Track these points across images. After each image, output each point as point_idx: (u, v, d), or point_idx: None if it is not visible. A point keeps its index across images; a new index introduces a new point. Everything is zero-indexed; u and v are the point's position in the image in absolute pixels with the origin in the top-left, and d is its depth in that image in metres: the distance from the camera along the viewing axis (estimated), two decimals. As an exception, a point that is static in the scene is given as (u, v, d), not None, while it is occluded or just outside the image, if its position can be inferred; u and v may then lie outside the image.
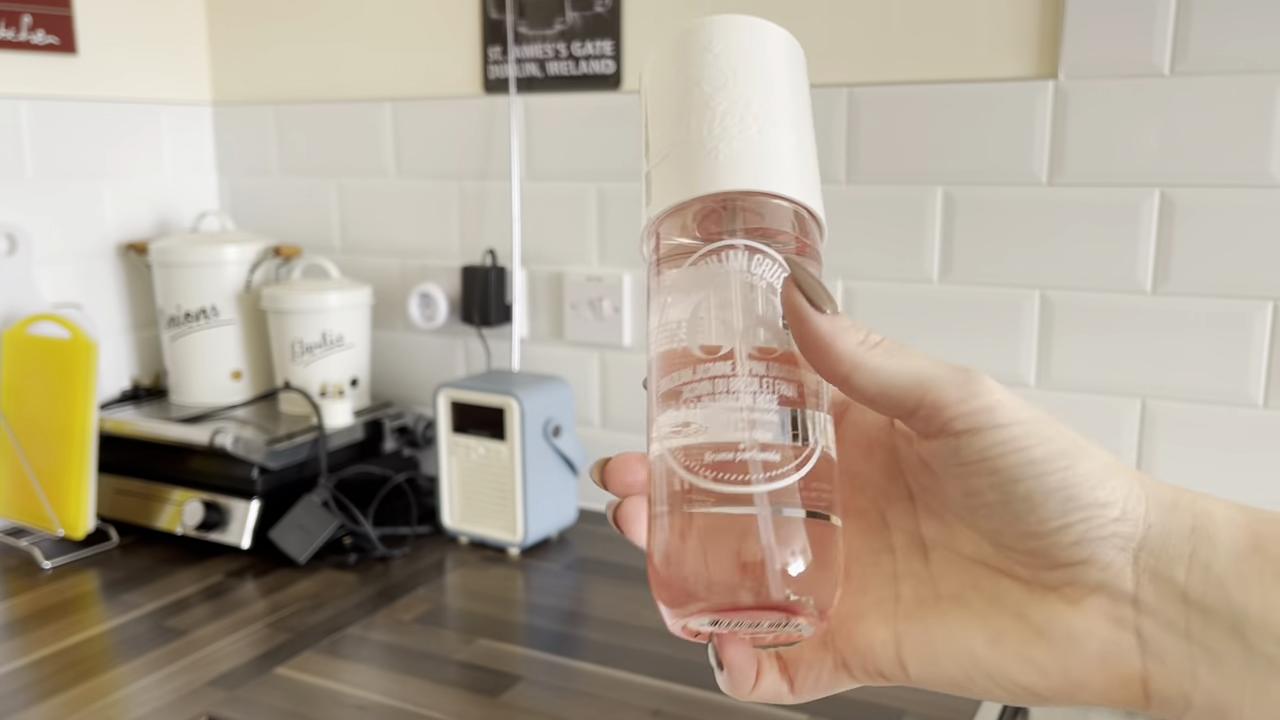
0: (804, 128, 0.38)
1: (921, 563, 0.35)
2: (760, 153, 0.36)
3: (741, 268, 0.35)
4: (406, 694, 0.93)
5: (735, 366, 0.34)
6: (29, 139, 1.35)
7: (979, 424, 0.31)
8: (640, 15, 1.27)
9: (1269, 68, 0.99)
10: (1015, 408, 0.31)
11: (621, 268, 1.32)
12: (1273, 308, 1.03)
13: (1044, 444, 0.31)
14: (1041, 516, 0.31)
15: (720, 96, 0.37)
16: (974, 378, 0.31)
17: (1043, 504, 0.31)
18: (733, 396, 0.33)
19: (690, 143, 0.37)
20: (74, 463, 1.22)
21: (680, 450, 0.34)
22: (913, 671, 0.34)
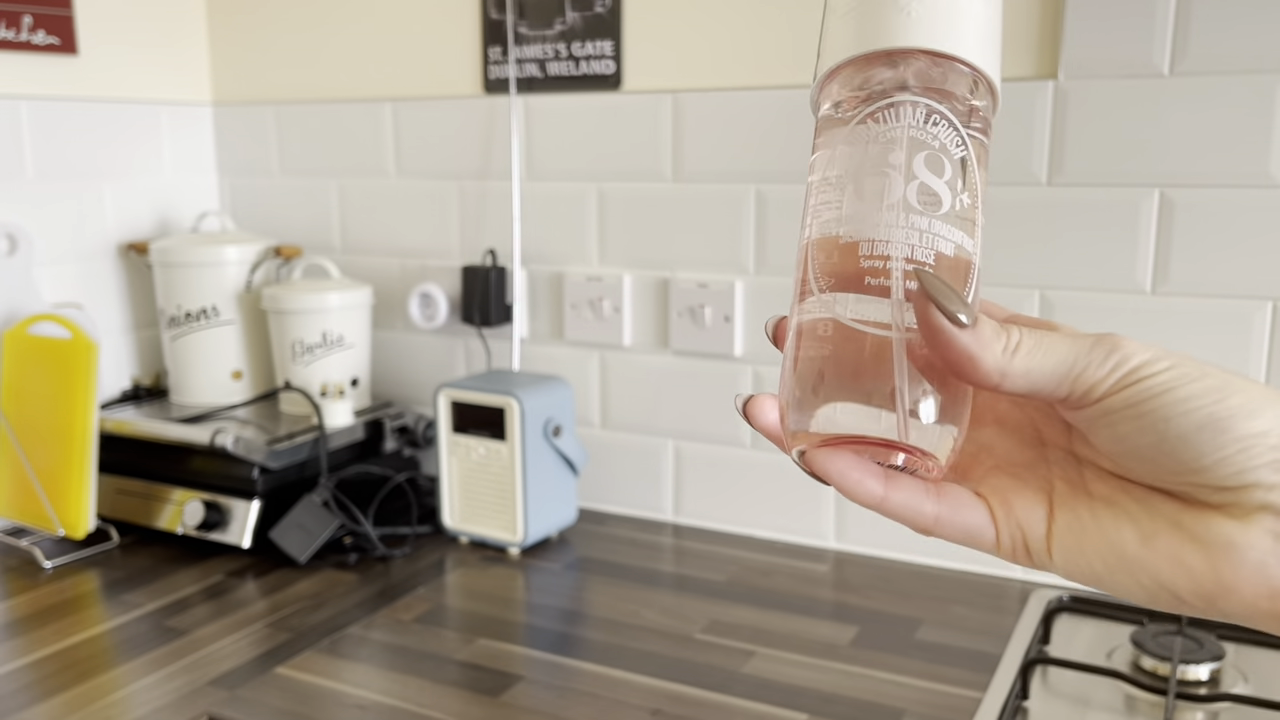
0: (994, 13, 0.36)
1: (1075, 470, 0.36)
2: (953, 16, 0.35)
3: (916, 123, 0.35)
4: (406, 694, 0.93)
5: (896, 217, 0.34)
6: (29, 139, 1.35)
7: (1126, 382, 0.31)
8: (640, 15, 1.27)
9: (1269, 68, 0.99)
10: (1160, 357, 0.31)
11: (621, 268, 1.33)
12: (1273, 308, 1.03)
13: (1191, 383, 0.31)
14: (1197, 452, 0.31)
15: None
16: (1115, 346, 0.32)
17: (1196, 439, 0.31)
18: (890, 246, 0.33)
19: None
20: (74, 463, 1.22)
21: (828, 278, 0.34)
22: (1057, 556, 0.35)
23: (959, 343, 0.32)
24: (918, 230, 0.34)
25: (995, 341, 0.32)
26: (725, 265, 1.27)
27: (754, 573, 1.20)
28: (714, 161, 1.26)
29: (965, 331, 0.32)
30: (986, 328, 0.32)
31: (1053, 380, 0.32)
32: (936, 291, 0.32)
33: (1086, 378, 0.32)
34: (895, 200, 0.34)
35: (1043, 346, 0.32)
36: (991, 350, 0.32)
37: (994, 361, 0.32)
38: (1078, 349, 0.32)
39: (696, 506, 1.34)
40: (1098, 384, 0.32)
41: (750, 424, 0.37)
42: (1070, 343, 0.32)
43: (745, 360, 1.28)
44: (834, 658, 0.99)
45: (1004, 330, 0.32)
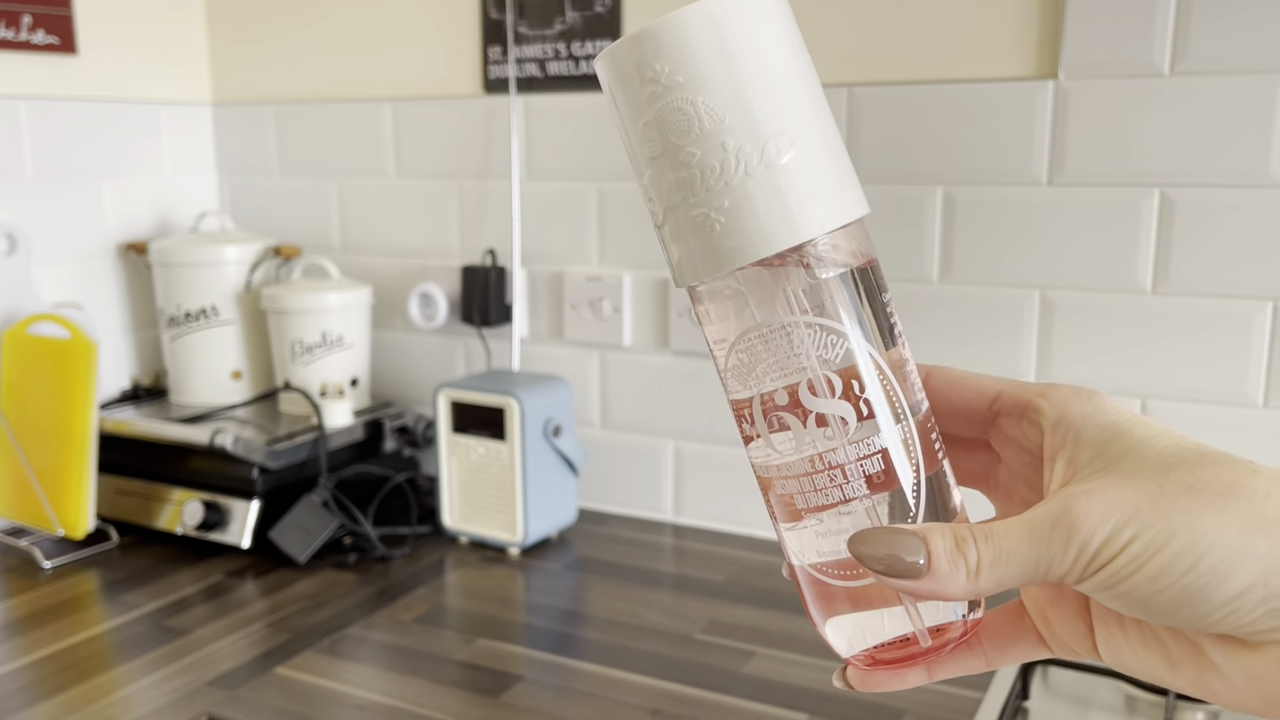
0: (800, 119, 0.32)
1: None
2: (760, 204, 0.31)
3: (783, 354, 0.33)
4: (406, 694, 0.93)
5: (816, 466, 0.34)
6: (29, 139, 1.35)
7: (1092, 569, 0.30)
8: (640, 15, 1.27)
9: (1269, 68, 0.99)
10: (1121, 526, 0.30)
11: (621, 268, 1.33)
12: (1273, 308, 1.03)
13: (1156, 554, 0.29)
14: (1185, 620, 0.30)
15: (690, 145, 0.31)
16: (1073, 530, 0.30)
17: (1178, 613, 0.30)
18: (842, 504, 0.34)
19: (680, 209, 0.32)
20: (74, 463, 1.22)
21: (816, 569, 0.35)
22: (1104, 657, 0.35)
23: (922, 590, 0.32)
24: (839, 467, 0.33)
25: (955, 573, 0.31)
26: (725, 265, 1.26)
27: (754, 573, 1.20)
28: (714, 161, 1.25)
29: (923, 580, 0.31)
30: (943, 562, 0.31)
31: (1025, 581, 0.32)
32: (873, 555, 0.32)
33: (1054, 572, 0.31)
34: (806, 452, 0.33)
35: (1003, 555, 0.31)
36: (955, 583, 0.31)
37: (960, 590, 0.32)
38: (1037, 545, 0.31)
39: (696, 506, 1.34)
40: (1066, 574, 0.31)
41: None
42: (1029, 539, 0.31)
43: (745, 360, 1.27)
44: (834, 658, 0.99)
45: (960, 553, 0.31)
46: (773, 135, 0.31)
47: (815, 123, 0.32)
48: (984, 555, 0.31)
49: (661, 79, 0.31)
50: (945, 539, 0.31)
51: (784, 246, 0.31)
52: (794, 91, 0.32)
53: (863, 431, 0.33)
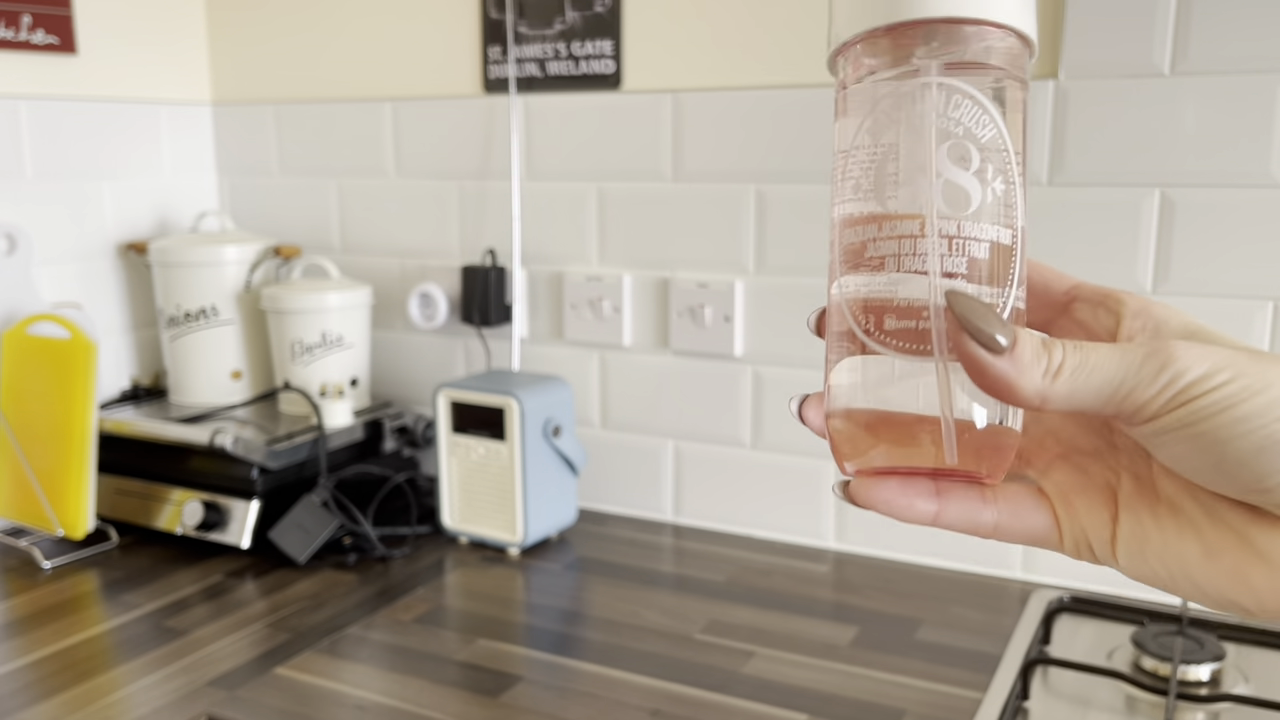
0: None
1: (1144, 461, 0.34)
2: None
3: (939, 110, 0.32)
4: (406, 694, 0.93)
5: (923, 227, 0.32)
6: (29, 139, 1.35)
7: (1178, 401, 0.29)
8: (640, 15, 1.27)
9: (1269, 68, 0.99)
10: (1219, 368, 0.29)
11: (621, 268, 1.32)
12: (1272, 308, 1.03)
13: (1251, 398, 0.29)
14: (1257, 474, 0.29)
15: None
16: (1169, 360, 0.29)
17: (1255, 462, 0.29)
18: (918, 259, 0.32)
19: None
20: (74, 463, 1.22)
21: (862, 309, 0.33)
22: (1122, 560, 0.34)
23: (995, 369, 0.30)
24: (947, 238, 0.32)
25: (1035, 365, 0.30)
26: (725, 265, 1.27)
27: (754, 573, 1.20)
28: (714, 161, 1.25)
29: (1002, 358, 0.30)
30: (1026, 350, 0.30)
31: (1098, 401, 0.30)
32: (967, 315, 0.30)
33: (1135, 397, 0.29)
34: (922, 206, 0.32)
35: (1088, 366, 0.30)
36: (1031, 375, 0.30)
37: (1034, 387, 0.30)
38: (1126, 366, 0.30)
39: (696, 506, 1.34)
40: (1147, 404, 0.29)
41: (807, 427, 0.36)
42: (1119, 358, 0.30)
43: (745, 360, 1.27)
44: (834, 658, 0.99)
45: (1045, 350, 0.30)
46: None
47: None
48: (1069, 360, 0.30)
49: None
50: (1033, 336, 0.30)
51: (985, 16, 0.32)
52: None
53: (982, 216, 0.32)
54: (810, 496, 1.27)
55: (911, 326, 0.32)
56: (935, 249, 0.32)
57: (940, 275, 0.32)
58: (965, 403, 0.32)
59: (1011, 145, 0.33)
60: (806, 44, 1.19)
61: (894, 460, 0.33)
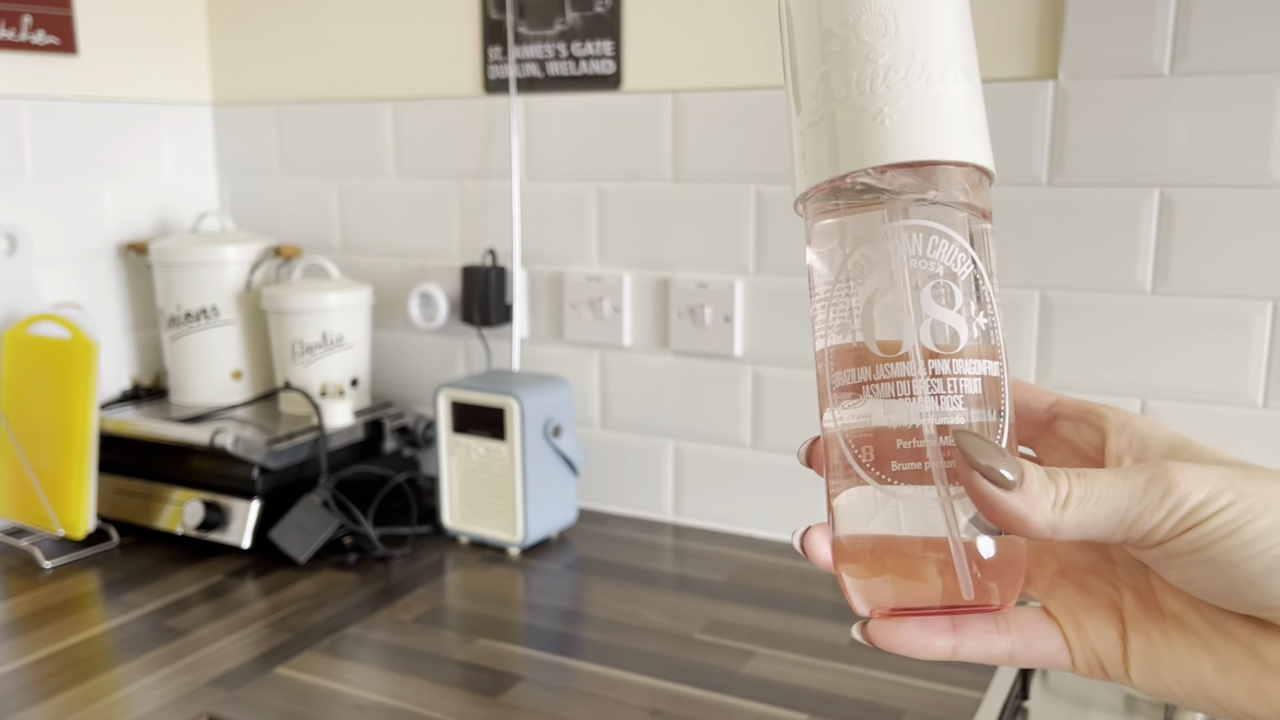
0: (970, 66, 0.34)
1: (1144, 576, 0.35)
2: (931, 113, 0.33)
3: (917, 252, 0.33)
4: (406, 694, 0.93)
5: (915, 368, 0.33)
6: (29, 139, 1.35)
7: (1184, 526, 0.30)
8: (640, 15, 1.27)
9: (1269, 68, 0.99)
10: (1219, 491, 0.29)
11: (621, 268, 1.33)
12: (1273, 308, 1.03)
13: (1255, 520, 0.29)
14: (1268, 594, 0.30)
15: (882, 46, 0.33)
16: (1171, 486, 0.30)
17: (1266, 583, 0.29)
18: (915, 401, 0.33)
19: (851, 102, 0.33)
20: (74, 463, 1.22)
21: (863, 449, 0.34)
22: (1135, 679, 0.34)
23: (1007, 505, 0.30)
24: (940, 377, 0.33)
25: (1044, 498, 0.30)
26: (725, 265, 1.27)
27: (754, 573, 1.20)
28: (714, 161, 1.26)
29: (1012, 493, 0.30)
30: (1034, 483, 0.30)
31: (1106, 529, 0.30)
32: (976, 453, 0.31)
33: (1142, 524, 0.30)
34: (912, 348, 0.33)
35: (1093, 495, 0.30)
36: (1041, 508, 0.30)
37: (1044, 519, 0.30)
38: (1130, 493, 0.30)
39: (696, 506, 1.34)
40: (1154, 530, 0.30)
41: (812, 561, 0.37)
42: (1122, 486, 0.30)
43: (745, 360, 1.27)
44: (834, 658, 0.99)
45: (1052, 481, 0.31)
46: (952, 64, 0.33)
47: (977, 77, 0.34)
48: (1075, 490, 0.30)
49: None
50: (1038, 468, 0.31)
51: (949, 157, 0.33)
52: (969, 42, 0.34)
53: (969, 353, 0.33)
54: (810, 496, 1.27)
55: (916, 467, 0.33)
56: (929, 389, 0.33)
57: (936, 417, 0.33)
58: (973, 535, 0.33)
59: (988, 277, 0.34)
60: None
61: (907, 598, 0.34)
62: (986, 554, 0.33)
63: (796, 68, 0.35)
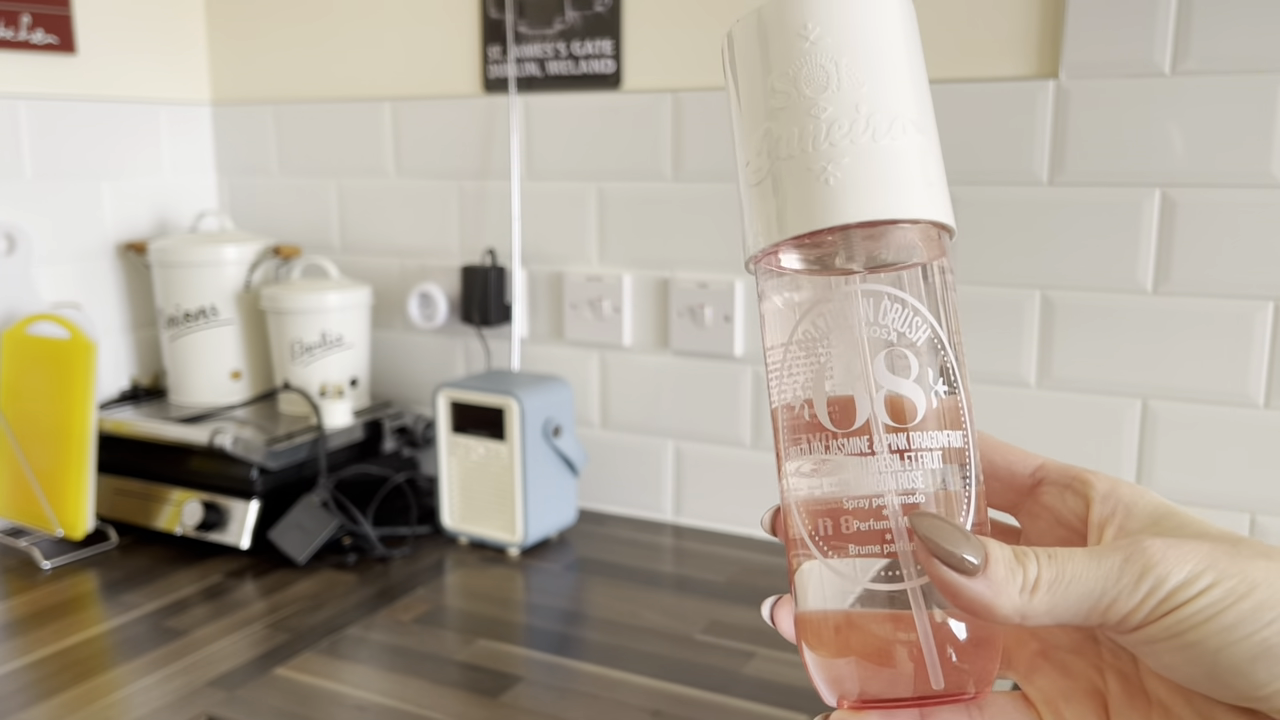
0: (923, 114, 0.32)
1: (1129, 659, 0.33)
2: (878, 170, 0.31)
3: (869, 318, 0.31)
4: (406, 694, 0.93)
5: (872, 442, 0.31)
6: (28, 139, 1.34)
7: (1162, 610, 0.28)
8: (640, 15, 1.27)
9: (1269, 68, 0.99)
10: (1200, 572, 0.28)
11: (621, 268, 1.32)
12: (1273, 308, 1.03)
13: (1238, 602, 0.27)
14: (1253, 683, 0.28)
15: (824, 100, 0.31)
16: (1148, 567, 0.28)
17: (1250, 670, 0.28)
18: (873, 477, 0.31)
19: (795, 161, 0.32)
20: (73, 463, 1.22)
21: (819, 523, 0.32)
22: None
23: (970, 592, 0.29)
24: (899, 453, 0.31)
25: (1010, 582, 0.29)
26: (725, 265, 1.26)
27: (754, 573, 1.20)
28: (714, 161, 1.25)
29: (976, 579, 0.29)
30: (999, 567, 0.29)
31: (1079, 614, 0.29)
32: (933, 537, 0.29)
33: (1117, 608, 0.28)
34: (868, 420, 0.31)
35: (1065, 578, 0.29)
36: (1008, 594, 0.29)
37: (1011, 605, 0.29)
38: (1105, 576, 0.28)
39: (696, 506, 1.34)
40: (1130, 614, 0.28)
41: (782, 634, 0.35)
42: (1096, 567, 0.29)
43: (745, 360, 1.27)
44: (834, 658, 0.99)
45: (1019, 564, 0.29)
46: (901, 115, 0.31)
47: (932, 125, 0.33)
48: (1045, 573, 0.29)
49: (810, 36, 0.31)
50: (1004, 549, 0.29)
51: (898, 215, 0.31)
52: (921, 88, 0.33)
53: (929, 423, 0.31)
54: (810, 496, 1.27)
55: (875, 550, 0.31)
56: (887, 466, 0.31)
57: (897, 494, 0.31)
58: (941, 618, 0.31)
59: (948, 339, 0.32)
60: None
61: (874, 686, 0.32)
62: (960, 637, 0.31)
63: (741, 124, 0.33)
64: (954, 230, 0.33)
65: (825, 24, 0.31)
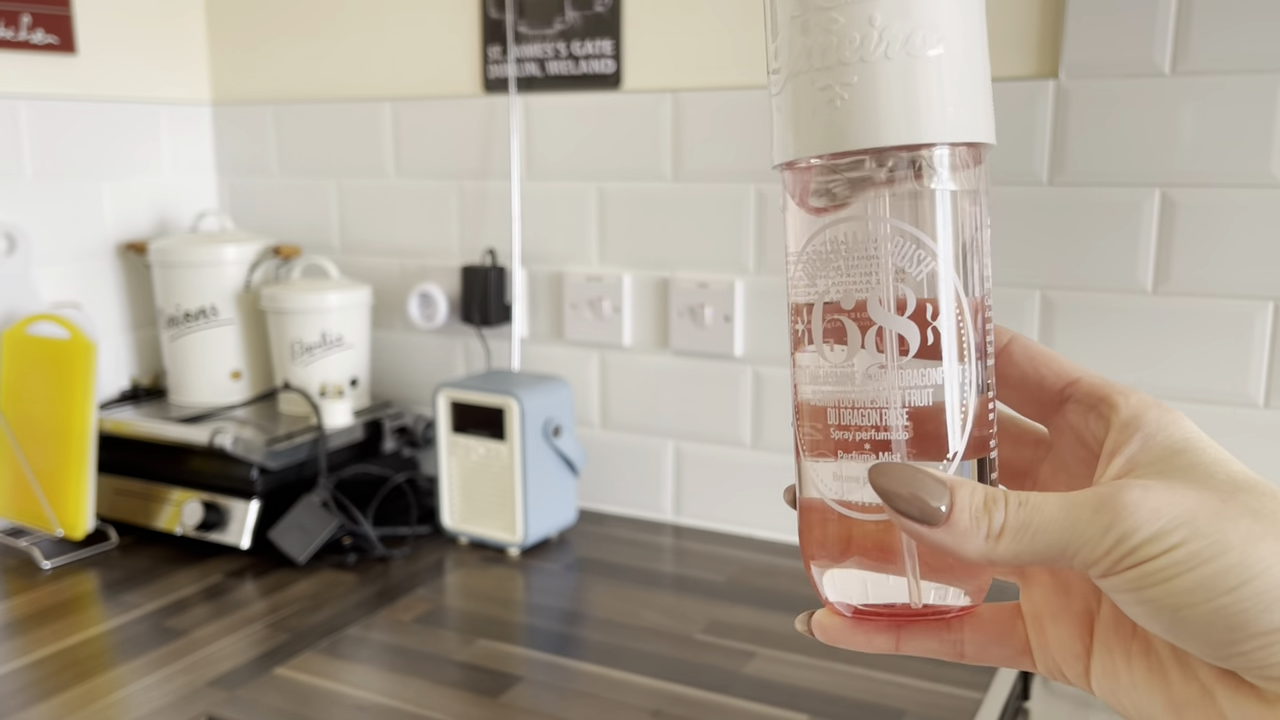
0: (952, 25, 0.30)
1: None
2: (889, 90, 0.29)
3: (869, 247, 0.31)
4: (406, 694, 0.93)
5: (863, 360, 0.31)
6: (28, 139, 1.34)
7: (1126, 564, 0.28)
8: (640, 15, 1.27)
9: (1269, 68, 0.99)
10: (1172, 528, 0.27)
11: (621, 267, 1.32)
12: (1273, 308, 1.03)
13: (1202, 565, 0.27)
14: (1210, 644, 0.28)
15: (836, 11, 0.30)
16: (1118, 516, 0.28)
17: (1207, 633, 0.27)
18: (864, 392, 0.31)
19: (810, 74, 0.30)
20: (73, 463, 1.22)
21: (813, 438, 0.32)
22: (1095, 689, 0.33)
23: (932, 538, 0.29)
24: (884, 384, 0.31)
25: (975, 531, 0.29)
26: (725, 265, 1.26)
27: (754, 573, 1.20)
28: (714, 161, 1.25)
29: (938, 529, 0.29)
30: (963, 516, 0.29)
31: (1045, 560, 0.29)
32: (892, 488, 0.30)
33: (1082, 557, 0.28)
34: (856, 358, 0.31)
35: (1032, 526, 0.29)
36: (972, 541, 0.29)
37: (976, 550, 0.29)
38: (1073, 525, 0.28)
39: (696, 506, 1.34)
40: (1095, 563, 0.28)
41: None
42: (1065, 516, 0.29)
43: (745, 360, 1.27)
44: (834, 658, 0.99)
45: (985, 512, 0.29)
46: (922, 25, 0.29)
47: (968, 32, 0.31)
48: (1011, 520, 0.29)
49: None
50: (974, 495, 0.29)
51: (901, 141, 0.30)
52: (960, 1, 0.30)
53: (920, 362, 0.31)
54: (810, 496, 1.27)
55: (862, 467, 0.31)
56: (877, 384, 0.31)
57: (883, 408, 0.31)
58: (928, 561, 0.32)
59: (957, 264, 0.32)
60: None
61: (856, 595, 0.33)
62: (941, 584, 0.32)
63: (768, 29, 0.32)
64: (982, 146, 0.32)
65: None
